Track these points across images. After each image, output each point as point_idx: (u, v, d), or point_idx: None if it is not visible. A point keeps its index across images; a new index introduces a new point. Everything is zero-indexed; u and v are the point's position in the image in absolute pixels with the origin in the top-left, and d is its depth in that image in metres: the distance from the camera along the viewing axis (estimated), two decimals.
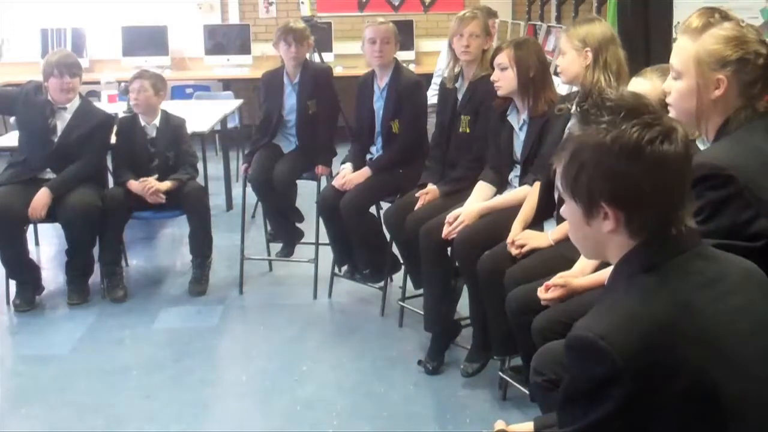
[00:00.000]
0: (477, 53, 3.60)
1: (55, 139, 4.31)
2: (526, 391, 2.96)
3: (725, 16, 2.06)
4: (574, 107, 2.94)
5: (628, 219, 1.37)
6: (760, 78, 1.89)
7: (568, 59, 2.91)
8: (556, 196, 2.96)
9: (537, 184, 3.11)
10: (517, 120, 3.33)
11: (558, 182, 1.45)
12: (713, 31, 1.91)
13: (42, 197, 4.17)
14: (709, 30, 1.92)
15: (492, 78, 3.31)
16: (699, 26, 1.97)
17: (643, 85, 2.44)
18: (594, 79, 2.83)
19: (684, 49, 1.94)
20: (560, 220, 2.92)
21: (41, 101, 4.32)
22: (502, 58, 3.24)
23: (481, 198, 3.39)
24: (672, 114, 1.92)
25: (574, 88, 3.08)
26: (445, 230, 3.30)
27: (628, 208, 1.37)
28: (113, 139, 4.50)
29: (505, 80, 3.25)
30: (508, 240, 3.02)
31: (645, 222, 1.37)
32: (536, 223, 3.06)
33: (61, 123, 4.32)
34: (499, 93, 3.30)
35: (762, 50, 1.89)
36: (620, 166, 1.34)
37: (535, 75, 3.21)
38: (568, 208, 1.45)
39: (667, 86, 2.00)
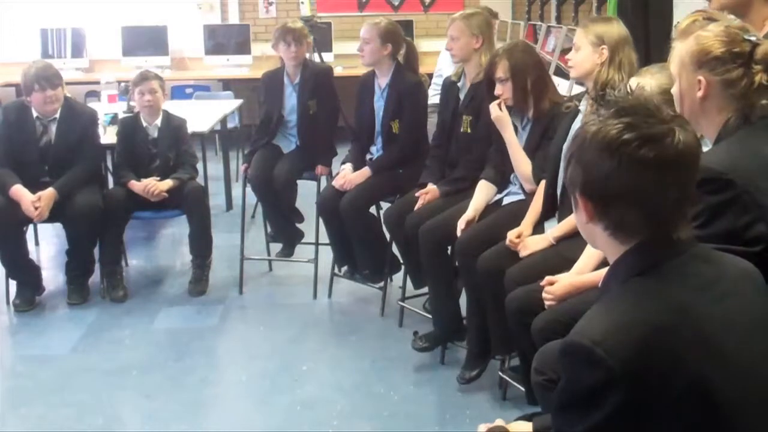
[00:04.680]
0: (462, 54, 3.61)
1: (50, 152, 4.27)
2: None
3: (710, 18, 2.07)
4: (582, 104, 2.93)
5: (601, 214, 1.38)
6: (741, 77, 1.85)
7: (583, 55, 2.88)
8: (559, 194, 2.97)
9: (543, 183, 3.10)
10: (520, 119, 3.32)
11: None
12: (696, 33, 1.92)
13: (48, 199, 4.12)
14: (694, 32, 1.92)
15: (496, 92, 3.27)
16: (686, 30, 1.99)
17: (641, 84, 2.44)
18: (607, 77, 2.81)
19: (673, 53, 1.96)
20: (561, 218, 2.92)
21: (30, 125, 4.23)
22: (500, 72, 3.22)
23: (483, 199, 3.37)
24: None
25: (576, 88, 3.08)
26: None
27: (596, 201, 1.37)
28: (114, 140, 4.50)
29: (508, 92, 3.23)
30: (512, 235, 3.00)
31: (622, 220, 1.37)
32: (538, 222, 3.06)
33: (52, 134, 4.27)
34: (507, 104, 3.26)
35: (742, 48, 1.85)
36: (592, 160, 1.35)
37: (534, 80, 3.19)
38: None
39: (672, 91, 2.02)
